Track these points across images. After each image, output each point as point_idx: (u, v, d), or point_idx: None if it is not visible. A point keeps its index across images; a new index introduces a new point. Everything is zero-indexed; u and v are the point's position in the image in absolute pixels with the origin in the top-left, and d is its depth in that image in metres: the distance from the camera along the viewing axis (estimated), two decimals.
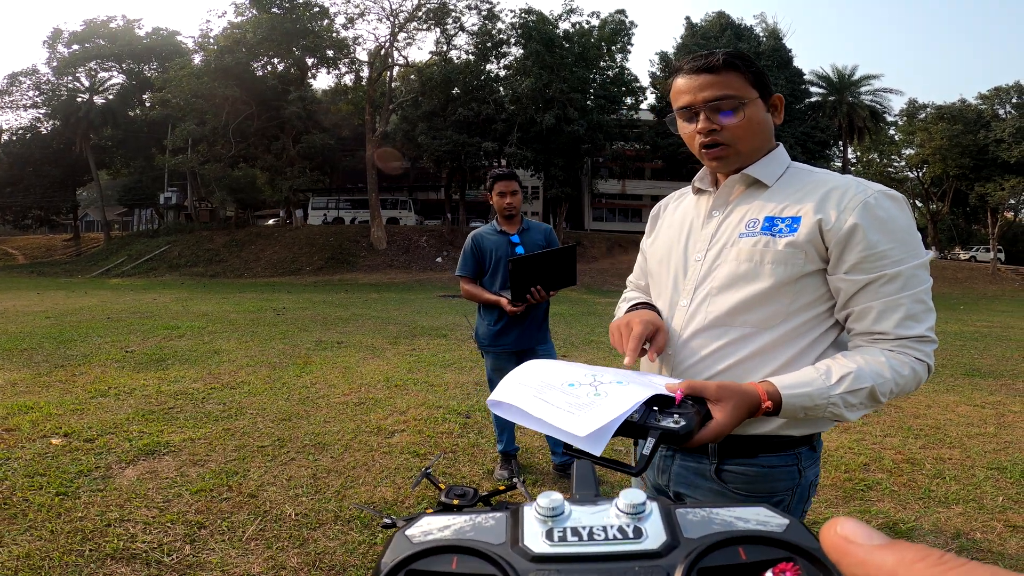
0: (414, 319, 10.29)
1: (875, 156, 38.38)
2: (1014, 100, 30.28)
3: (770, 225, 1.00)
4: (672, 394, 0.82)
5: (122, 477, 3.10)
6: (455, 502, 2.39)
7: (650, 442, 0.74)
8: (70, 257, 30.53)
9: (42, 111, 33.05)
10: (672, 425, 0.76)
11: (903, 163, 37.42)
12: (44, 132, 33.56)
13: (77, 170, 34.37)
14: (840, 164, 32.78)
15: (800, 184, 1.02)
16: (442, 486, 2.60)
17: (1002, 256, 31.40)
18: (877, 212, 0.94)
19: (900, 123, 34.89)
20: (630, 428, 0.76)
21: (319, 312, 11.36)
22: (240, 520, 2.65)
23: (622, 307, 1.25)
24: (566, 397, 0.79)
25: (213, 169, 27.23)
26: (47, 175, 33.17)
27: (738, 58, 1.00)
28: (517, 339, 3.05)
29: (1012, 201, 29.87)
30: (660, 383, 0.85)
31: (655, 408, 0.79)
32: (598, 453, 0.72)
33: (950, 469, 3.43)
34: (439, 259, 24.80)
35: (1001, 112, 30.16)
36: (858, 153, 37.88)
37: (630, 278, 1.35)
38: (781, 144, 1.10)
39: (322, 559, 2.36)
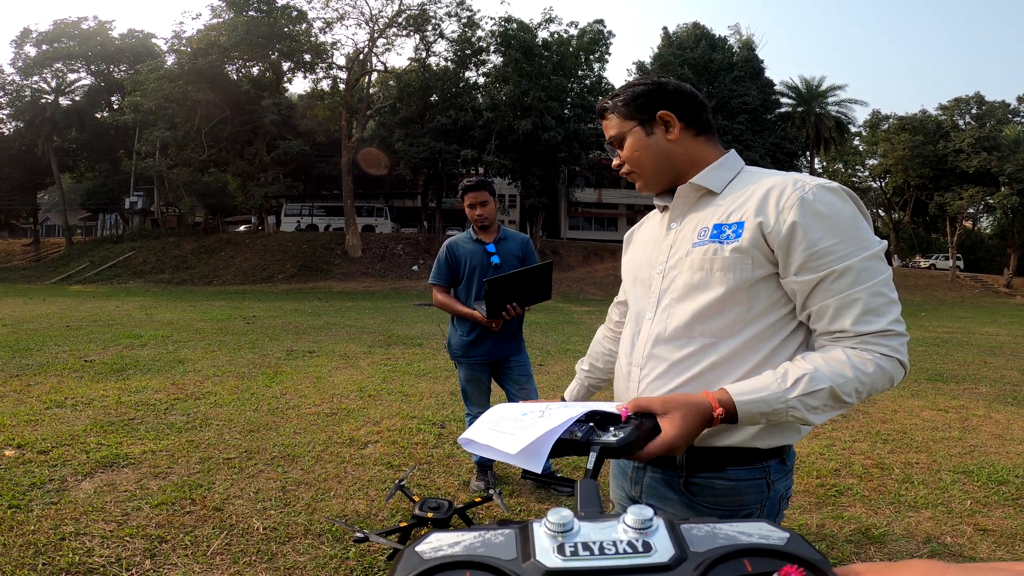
0: (389, 328, 10.17)
1: (840, 166, 39.55)
2: (973, 111, 31.52)
3: (718, 232, 1.00)
4: (619, 412, 0.84)
5: (78, 490, 2.96)
6: (429, 515, 2.34)
7: (592, 457, 0.77)
8: (29, 263, 29.42)
9: (5, 112, 31.97)
10: (611, 439, 0.78)
11: (867, 173, 38.64)
12: (6, 134, 32.41)
13: (38, 173, 33.25)
14: (808, 174, 33.59)
15: (744, 187, 1.03)
16: (416, 498, 2.55)
17: (961, 264, 32.59)
18: (816, 207, 0.92)
19: (864, 134, 36.03)
20: (574, 447, 0.79)
21: (291, 321, 11.15)
22: (204, 534, 2.54)
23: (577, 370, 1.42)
24: (515, 423, 0.83)
25: (182, 174, 26.59)
26: (7, 177, 31.99)
27: (611, 99, 1.12)
28: (490, 350, 3.01)
29: (970, 210, 30.97)
30: (610, 407, 0.87)
31: (592, 425, 0.82)
32: (538, 470, 0.76)
33: (918, 473, 3.50)
34: (415, 267, 24.62)
35: (960, 123, 31.36)
36: (824, 163, 38.98)
37: (617, 297, 1.38)
38: (733, 151, 1.10)
39: (291, 574, 2.27)
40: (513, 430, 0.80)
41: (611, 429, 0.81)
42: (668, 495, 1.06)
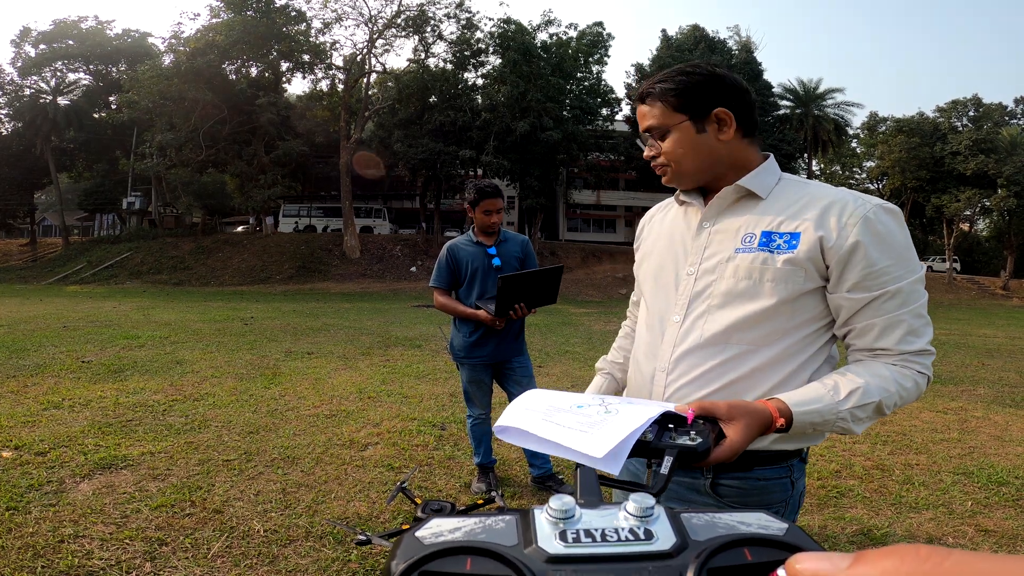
0: (387, 329, 10.15)
1: (838, 168, 39.64)
2: (971, 113, 31.57)
3: (768, 241, 0.97)
4: (683, 414, 0.81)
5: (76, 492, 2.94)
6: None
7: (668, 461, 0.73)
8: (26, 263, 29.30)
9: (4, 111, 31.88)
10: (689, 442, 0.76)
11: (864, 175, 38.72)
12: (4, 134, 32.31)
13: (35, 172, 33.12)
14: (805, 176, 33.72)
15: (795, 197, 1.00)
16: (418, 500, 2.53)
17: (958, 266, 32.65)
18: (877, 227, 0.92)
19: (862, 136, 36.11)
20: (645, 449, 0.76)
21: (289, 322, 11.12)
22: (205, 536, 2.53)
23: (599, 367, 1.33)
24: (576, 417, 0.78)
25: (180, 174, 26.51)
26: (4, 177, 31.88)
27: (659, 83, 1.01)
28: (493, 351, 3.01)
29: (967, 212, 31.03)
30: (669, 406, 0.84)
31: (671, 426, 0.79)
32: (616, 472, 0.72)
33: (918, 475, 3.50)
34: (413, 268, 24.60)
35: (958, 125, 31.41)
36: (822, 165, 39.05)
37: (632, 296, 1.34)
38: (771, 155, 1.07)
39: None
40: (579, 426, 0.75)
41: (690, 432, 0.78)
42: (693, 498, 1.06)
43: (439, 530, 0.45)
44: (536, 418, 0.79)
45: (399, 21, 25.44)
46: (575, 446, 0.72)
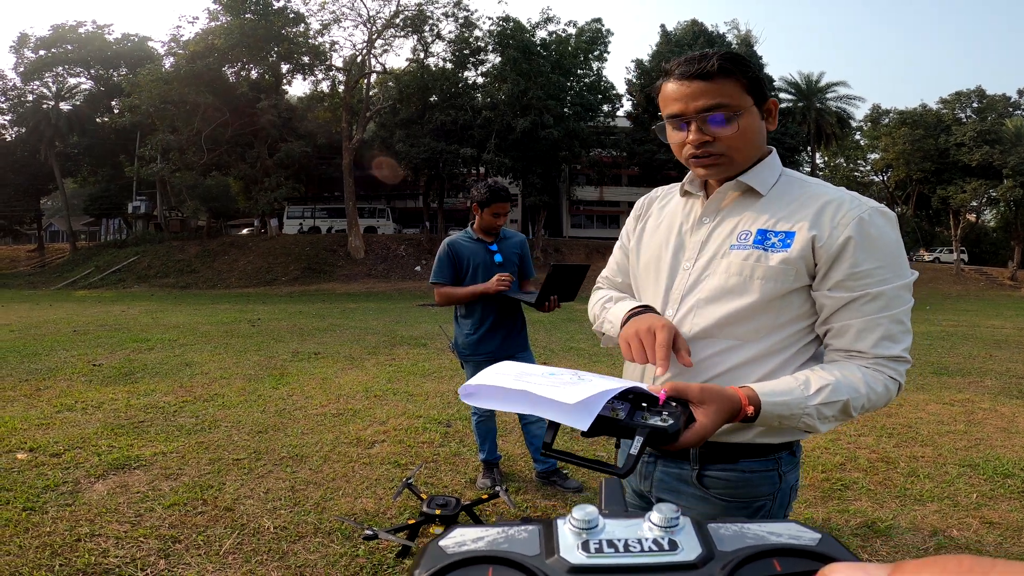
0: (393, 329, 10.20)
1: (841, 161, 39.44)
2: (974, 104, 31.35)
3: (763, 239, 0.97)
4: (655, 394, 0.80)
5: (91, 492, 3.00)
6: (437, 512, 2.37)
7: (638, 441, 0.73)
8: (34, 268, 29.55)
9: (7, 117, 32.13)
10: (660, 424, 0.75)
11: (869, 167, 38.52)
12: (8, 139, 32.55)
13: (41, 178, 33.37)
14: (809, 169, 33.59)
15: (794, 196, 1.00)
16: (424, 496, 2.58)
17: (965, 257, 32.44)
18: (869, 229, 0.93)
19: (865, 128, 35.91)
20: (615, 427, 0.75)
21: (295, 323, 11.19)
22: (216, 534, 2.58)
23: (610, 308, 1.15)
24: (548, 379, 0.78)
25: (185, 178, 26.63)
26: (10, 184, 32.14)
27: (733, 62, 0.93)
28: (498, 347, 3.04)
29: (974, 203, 30.81)
30: (642, 386, 0.84)
31: (644, 405, 0.79)
32: (586, 427, 0.72)
33: (924, 467, 3.51)
34: (418, 268, 24.66)
35: (962, 116, 31.19)
36: (825, 158, 38.87)
37: (604, 274, 1.28)
38: (774, 150, 1.05)
39: (303, 572, 2.30)
40: (555, 383, 0.75)
41: (662, 412, 0.77)
42: (681, 488, 1.07)
43: (462, 539, 0.45)
44: (508, 379, 0.79)
45: (397, 21, 25.45)
46: (548, 395, 0.72)
